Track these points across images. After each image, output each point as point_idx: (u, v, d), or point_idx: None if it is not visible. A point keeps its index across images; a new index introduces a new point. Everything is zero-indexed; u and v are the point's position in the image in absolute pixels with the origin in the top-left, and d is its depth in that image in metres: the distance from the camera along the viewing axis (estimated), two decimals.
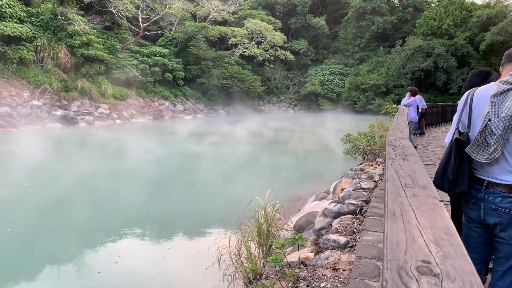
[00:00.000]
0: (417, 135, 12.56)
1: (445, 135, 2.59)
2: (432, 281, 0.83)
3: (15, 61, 21.33)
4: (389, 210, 1.26)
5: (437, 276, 0.85)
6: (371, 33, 44.10)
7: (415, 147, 9.48)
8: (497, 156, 2.06)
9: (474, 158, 2.15)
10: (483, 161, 2.11)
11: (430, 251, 0.96)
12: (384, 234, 1.07)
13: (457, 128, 2.33)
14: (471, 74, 3.23)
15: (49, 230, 7.15)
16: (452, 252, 0.96)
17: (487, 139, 2.09)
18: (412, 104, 10.39)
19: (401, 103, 10.91)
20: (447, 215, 1.23)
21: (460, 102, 2.35)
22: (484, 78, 3.12)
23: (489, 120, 2.06)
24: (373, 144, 9.30)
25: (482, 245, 2.29)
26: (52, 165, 12.63)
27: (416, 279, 0.83)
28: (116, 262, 5.82)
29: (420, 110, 11.50)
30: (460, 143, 2.23)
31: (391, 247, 0.97)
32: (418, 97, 11.21)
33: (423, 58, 36.25)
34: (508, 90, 2.03)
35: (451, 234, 1.07)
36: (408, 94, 10.75)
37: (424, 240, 1.02)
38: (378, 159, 8.47)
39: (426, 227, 1.12)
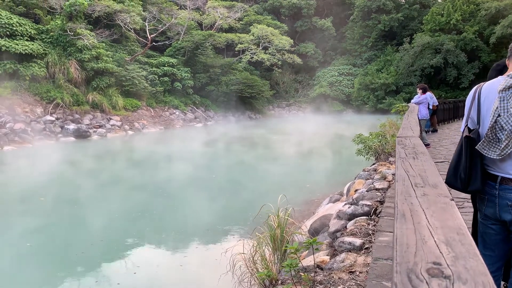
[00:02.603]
0: (430, 132, 12.41)
1: (458, 131, 2.54)
2: (443, 283, 0.81)
3: (28, 78, 21.70)
4: (399, 211, 1.24)
5: (448, 278, 0.83)
6: (378, 32, 43.87)
7: (428, 144, 9.36)
8: (509, 151, 2.02)
9: (486, 155, 2.11)
10: (495, 157, 2.07)
11: (441, 252, 0.94)
12: (394, 236, 1.06)
13: (467, 125, 2.28)
14: (491, 68, 3.15)
15: (68, 242, 7.23)
16: (463, 252, 0.94)
17: (498, 135, 2.04)
18: (423, 101, 10.28)
19: (412, 101, 10.81)
20: (458, 214, 1.21)
21: (468, 98, 2.31)
22: (500, 72, 3.03)
23: (499, 115, 2.02)
24: (385, 144, 9.23)
25: (500, 243, 2.23)
26: (69, 178, 12.79)
27: (426, 282, 0.81)
28: (135, 273, 5.87)
29: (431, 107, 11.36)
30: (470, 140, 2.18)
31: (401, 249, 0.96)
32: (429, 94, 11.07)
33: (432, 55, 35.91)
34: None
35: (462, 234, 1.05)
36: (420, 91, 10.64)
37: (435, 241, 1.01)
38: (391, 159, 8.39)
39: (437, 227, 1.10)
